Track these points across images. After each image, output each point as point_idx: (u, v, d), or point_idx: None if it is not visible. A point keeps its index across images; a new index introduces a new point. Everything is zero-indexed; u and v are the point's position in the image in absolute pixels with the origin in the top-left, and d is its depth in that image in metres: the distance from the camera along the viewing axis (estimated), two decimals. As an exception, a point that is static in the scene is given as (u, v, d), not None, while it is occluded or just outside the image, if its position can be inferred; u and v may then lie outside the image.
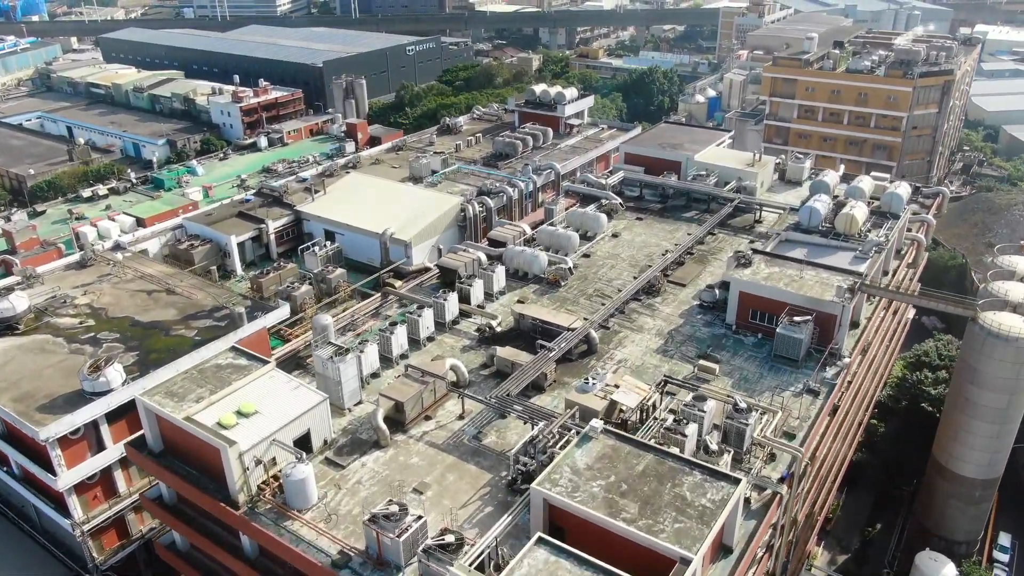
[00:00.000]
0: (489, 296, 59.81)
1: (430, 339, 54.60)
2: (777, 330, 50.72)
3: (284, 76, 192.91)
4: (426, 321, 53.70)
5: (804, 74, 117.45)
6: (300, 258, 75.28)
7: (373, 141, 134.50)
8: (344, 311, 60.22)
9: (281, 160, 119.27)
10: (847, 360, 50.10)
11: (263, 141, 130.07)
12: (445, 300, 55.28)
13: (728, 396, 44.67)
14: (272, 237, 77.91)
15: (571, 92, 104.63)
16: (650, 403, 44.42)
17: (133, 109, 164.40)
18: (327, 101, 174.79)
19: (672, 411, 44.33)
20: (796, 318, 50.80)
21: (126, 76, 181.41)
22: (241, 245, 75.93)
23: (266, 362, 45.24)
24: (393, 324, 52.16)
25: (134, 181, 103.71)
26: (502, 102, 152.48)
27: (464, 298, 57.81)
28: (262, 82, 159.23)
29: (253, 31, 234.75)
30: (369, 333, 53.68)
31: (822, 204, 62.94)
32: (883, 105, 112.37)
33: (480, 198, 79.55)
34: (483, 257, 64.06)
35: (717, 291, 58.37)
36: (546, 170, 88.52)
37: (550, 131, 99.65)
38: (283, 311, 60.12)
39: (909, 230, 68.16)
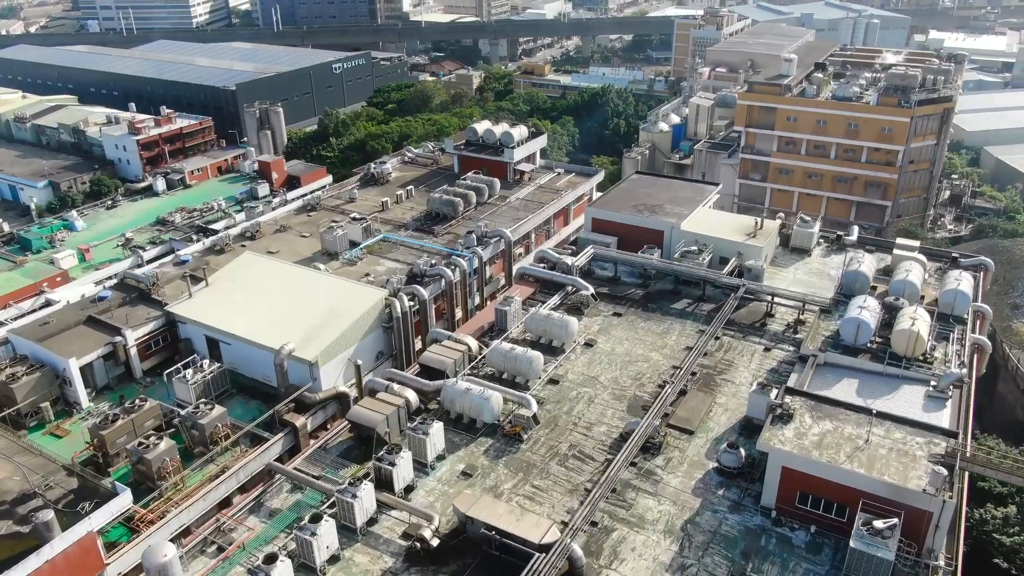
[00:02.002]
0: (422, 468, 41.89)
1: (333, 559, 36.43)
2: (851, 543, 34.03)
3: (193, 101, 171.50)
4: (326, 537, 35.48)
5: (785, 102, 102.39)
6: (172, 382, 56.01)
7: (291, 181, 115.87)
8: (220, 473, 41.57)
9: (179, 208, 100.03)
10: (952, 583, 33.83)
11: (160, 183, 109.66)
12: (355, 497, 37.09)
13: None
14: (134, 351, 58.39)
15: (520, 132, 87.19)
16: None
17: (16, 142, 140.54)
18: (242, 130, 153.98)
19: None
20: (876, 523, 34.21)
21: (9, 103, 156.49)
22: (88, 367, 56.32)
23: None
24: (271, 559, 33.60)
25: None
26: (439, 133, 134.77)
27: (385, 481, 39.76)
28: (164, 109, 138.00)
29: (161, 48, 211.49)
30: (233, 560, 35.26)
31: (871, 314, 46.71)
32: (876, 137, 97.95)
33: (411, 287, 61.43)
34: (412, 399, 46.16)
35: (742, 450, 41.63)
36: (494, 238, 70.92)
37: (496, 182, 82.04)
38: (122, 500, 41.17)
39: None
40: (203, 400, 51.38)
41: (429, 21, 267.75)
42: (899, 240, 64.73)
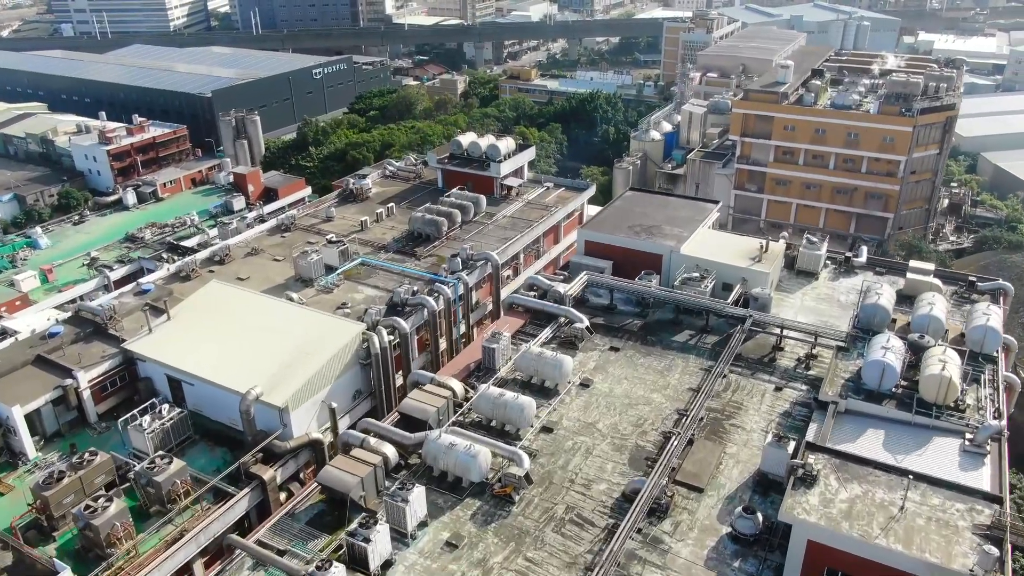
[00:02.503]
0: (401, 538, 37.25)
1: (298, 658, 31.81)
2: (892, 638, 29.80)
3: (168, 108, 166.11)
4: (289, 634, 30.85)
5: (782, 110, 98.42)
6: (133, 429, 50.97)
7: (268, 194, 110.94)
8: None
9: (150, 224, 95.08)
10: None
11: (130, 197, 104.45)
12: (323, 584, 32.43)
13: None
14: (87, 394, 53.35)
15: (506, 144, 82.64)
16: None
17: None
18: (219, 139, 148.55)
19: None
20: (920, 612, 29.97)
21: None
22: (36, 414, 51.24)
23: None
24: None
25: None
26: (422, 142, 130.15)
27: (359, 558, 35.09)
28: (137, 118, 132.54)
29: (136, 52, 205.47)
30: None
31: (896, 356, 42.48)
32: (878, 147, 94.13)
33: (390, 319, 56.72)
34: (391, 454, 41.54)
35: (759, 514, 37.27)
36: (480, 262, 66.32)
37: (482, 199, 77.44)
38: (61, 580, 36.30)
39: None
40: (160, 454, 46.43)
41: (412, 24, 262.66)
42: (912, 263, 60.66)
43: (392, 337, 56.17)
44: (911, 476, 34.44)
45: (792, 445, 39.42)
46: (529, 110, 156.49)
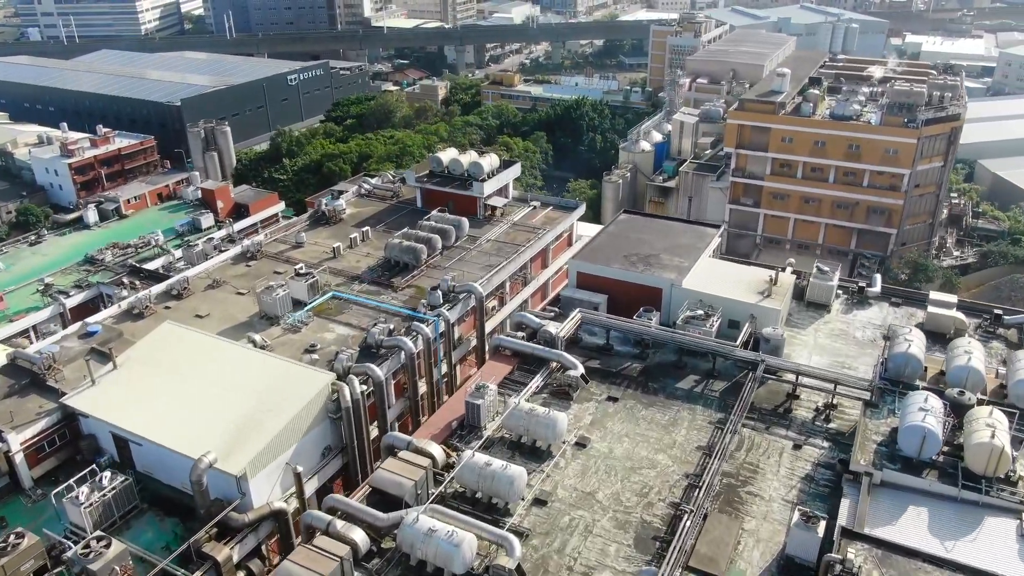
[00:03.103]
0: (372, 652, 31.68)
1: None
2: None
3: (136, 117, 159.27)
4: None
5: (779, 121, 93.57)
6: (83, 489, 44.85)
7: (239, 210, 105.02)
8: None
9: (111, 244, 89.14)
10: None
11: (91, 214, 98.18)
12: None
13: None
14: (20, 457, 47.23)
15: (490, 162, 77.13)
16: None
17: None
18: (188, 149, 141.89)
19: None
20: None
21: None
22: (-42, 483, 45.18)
23: None
24: None
25: None
26: (401, 153, 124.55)
27: None
28: (101, 128, 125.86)
29: (104, 58, 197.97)
30: None
31: (936, 419, 37.38)
32: (880, 160, 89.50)
33: (364, 366, 51.04)
34: (361, 541, 35.94)
35: (790, 614, 32.06)
36: (463, 294, 60.76)
37: (465, 222, 71.86)
38: None
39: None
40: (97, 535, 40.44)
41: (392, 27, 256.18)
42: (933, 295, 55.82)
43: (365, 387, 50.49)
44: (953, 566, 29.31)
45: (822, 525, 34.28)
46: (513, 118, 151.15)
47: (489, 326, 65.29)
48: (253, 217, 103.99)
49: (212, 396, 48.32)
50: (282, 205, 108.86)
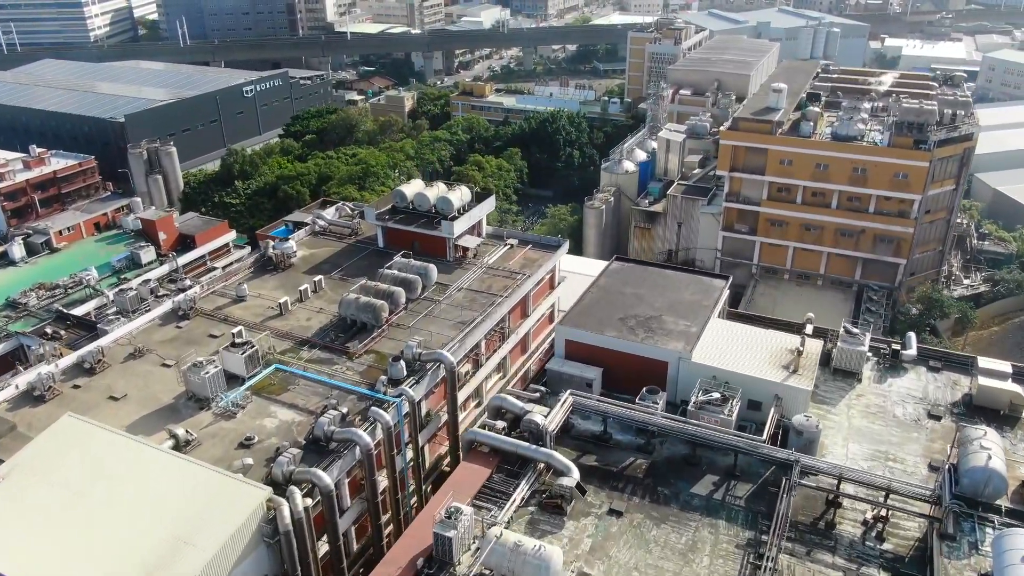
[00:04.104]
0: None
1: None
2: None
3: (76, 135, 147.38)
4: None
5: (777, 142, 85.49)
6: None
7: (185, 240, 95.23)
8: None
9: (38, 285, 79.49)
10: None
11: (17, 249, 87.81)
12: None
13: None
14: None
15: (460, 196, 67.82)
16: None
17: None
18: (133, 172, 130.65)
19: None
20: None
21: None
22: None
23: None
24: None
25: None
26: (364, 174, 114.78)
27: None
28: (35, 148, 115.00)
29: (46, 68, 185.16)
30: None
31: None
32: (888, 184, 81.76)
33: (308, 473, 41.46)
34: None
35: None
36: (432, 364, 51.42)
37: (432, 269, 62.45)
38: None
39: None
40: None
41: (356, 32, 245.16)
42: (982, 363, 47.60)
43: (310, 499, 40.95)
44: None
45: None
46: (484, 132, 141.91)
47: (462, 395, 56.10)
48: (200, 249, 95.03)
49: (117, 523, 38.43)
50: (233, 234, 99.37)
